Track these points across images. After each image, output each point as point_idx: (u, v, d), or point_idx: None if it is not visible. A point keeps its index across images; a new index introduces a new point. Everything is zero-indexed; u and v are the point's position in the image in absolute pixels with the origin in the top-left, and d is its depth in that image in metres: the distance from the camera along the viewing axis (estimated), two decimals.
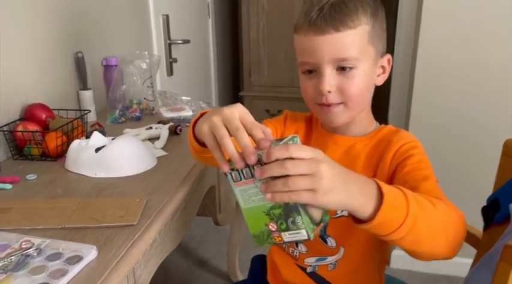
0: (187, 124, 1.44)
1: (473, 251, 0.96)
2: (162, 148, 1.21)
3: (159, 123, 1.37)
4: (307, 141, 0.88)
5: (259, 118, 1.03)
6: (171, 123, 1.36)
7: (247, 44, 3.13)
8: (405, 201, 0.55)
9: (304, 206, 0.53)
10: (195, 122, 0.71)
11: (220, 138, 0.55)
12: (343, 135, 0.83)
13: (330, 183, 0.49)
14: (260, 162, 0.51)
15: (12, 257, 0.68)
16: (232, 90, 3.56)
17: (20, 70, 1.25)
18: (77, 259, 0.69)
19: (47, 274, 0.65)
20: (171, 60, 2.22)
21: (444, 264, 1.81)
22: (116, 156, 1.04)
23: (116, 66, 1.52)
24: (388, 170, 0.76)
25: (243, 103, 3.18)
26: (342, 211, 0.78)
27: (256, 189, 0.54)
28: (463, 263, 1.80)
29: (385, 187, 0.55)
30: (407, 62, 1.79)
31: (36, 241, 0.73)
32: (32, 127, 1.14)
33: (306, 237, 0.54)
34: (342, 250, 0.81)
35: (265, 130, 0.54)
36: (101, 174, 1.03)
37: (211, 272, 1.95)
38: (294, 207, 0.53)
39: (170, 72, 2.24)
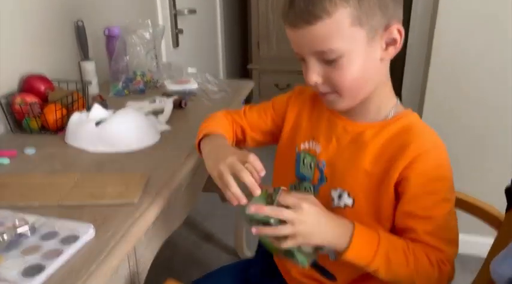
0: (193, 97, 1.39)
1: (488, 230, 0.91)
2: (165, 123, 1.16)
3: (163, 96, 1.32)
4: (309, 123, 0.84)
5: (268, 94, 0.96)
6: (176, 96, 1.30)
7: (255, 15, 3.03)
8: (373, 252, 0.66)
9: (298, 249, 0.67)
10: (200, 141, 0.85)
11: (228, 184, 0.67)
12: (353, 120, 0.77)
13: (306, 231, 0.64)
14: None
15: (5, 235, 0.65)
16: (240, 62, 3.47)
17: (17, 39, 1.19)
18: (73, 238, 0.65)
19: (41, 254, 0.62)
20: (176, 31, 2.14)
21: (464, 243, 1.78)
22: (117, 130, 0.99)
23: (119, 35, 1.45)
24: (396, 178, 0.70)
25: (251, 77, 3.11)
26: (338, 201, 0.75)
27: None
28: (475, 242, 1.78)
29: (356, 237, 0.65)
30: (424, 37, 1.70)
31: (31, 219, 0.70)
32: (30, 99, 1.10)
33: (302, 266, 0.69)
34: None
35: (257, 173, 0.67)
36: (101, 149, 0.99)
37: (218, 247, 1.94)
38: (289, 250, 0.68)
39: (176, 43, 2.17)
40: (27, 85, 1.15)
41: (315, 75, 0.69)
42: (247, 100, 1.60)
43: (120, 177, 0.86)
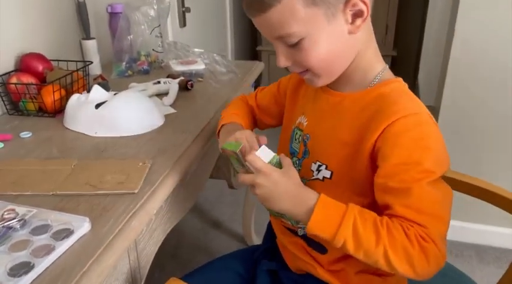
0: (199, 79, 1.31)
1: (507, 220, 0.84)
2: (170, 105, 1.09)
3: (168, 77, 1.24)
4: (303, 99, 0.82)
5: (277, 77, 0.92)
6: (182, 78, 1.23)
7: None
8: (337, 224, 0.61)
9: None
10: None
11: None
12: (335, 90, 0.74)
13: (262, 194, 0.66)
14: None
15: None
16: (250, 44, 3.37)
17: (14, 16, 1.11)
18: (66, 233, 0.59)
19: (30, 251, 0.56)
20: (183, 9, 2.05)
21: (473, 232, 1.71)
22: (117, 113, 0.92)
23: (122, 13, 1.37)
24: (370, 149, 0.65)
25: (260, 59, 3.03)
26: (317, 174, 0.73)
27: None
28: (493, 232, 1.72)
29: (318, 209, 0.62)
30: (441, 34, 1.60)
31: (21, 210, 0.64)
32: (27, 79, 1.03)
33: (291, 224, 0.78)
34: None
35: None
36: (101, 133, 0.92)
37: (226, 234, 1.89)
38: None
39: (183, 23, 2.08)
40: (24, 64, 1.08)
41: (283, 59, 0.68)
42: (257, 83, 1.52)
43: (121, 164, 0.79)
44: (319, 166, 0.73)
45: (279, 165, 0.68)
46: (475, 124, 1.54)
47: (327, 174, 0.72)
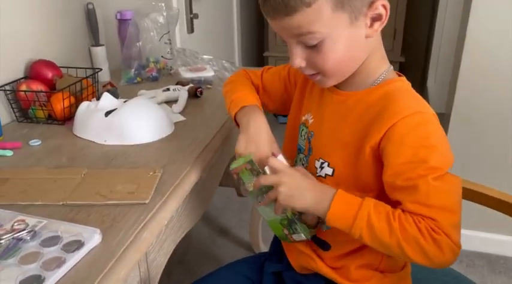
0: (209, 86, 1.30)
1: None
2: (180, 113, 1.08)
3: (177, 84, 1.23)
4: (310, 96, 0.82)
5: None
6: (191, 85, 1.22)
7: None
8: (353, 216, 0.64)
9: (300, 217, 0.73)
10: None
11: None
12: (341, 89, 0.74)
13: (286, 192, 0.67)
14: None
15: (2, 240, 0.58)
16: (257, 49, 3.37)
17: (24, 23, 1.11)
18: (77, 245, 0.58)
19: (40, 263, 0.55)
20: (191, 15, 2.05)
21: (485, 241, 1.68)
22: (127, 121, 0.91)
23: (131, 20, 1.37)
24: (373, 148, 0.66)
25: (268, 64, 3.02)
26: (320, 171, 0.74)
27: (270, 208, 0.73)
28: (505, 241, 1.69)
29: (336, 201, 0.65)
30: (452, 37, 1.58)
31: (32, 221, 0.63)
32: (36, 86, 1.02)
33: (305, 238, 0.75)
34: None
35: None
36: (111, 141, 0.91)
37: (233, 242, 1.87)
38: (292, 219, 0.73)
39: (191, 29, 2.08)
40: (33, 71, 1.08)
41: (298, 60, 0.68)
42: None
43: (131, 174, 0.78)
44: (322, 163, 0.74)
45: None
46: (487, 131, 1.51)
47: (329, 171, 0.73)
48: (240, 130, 0.80)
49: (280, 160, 0.72)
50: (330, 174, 0.72)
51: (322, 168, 0.74)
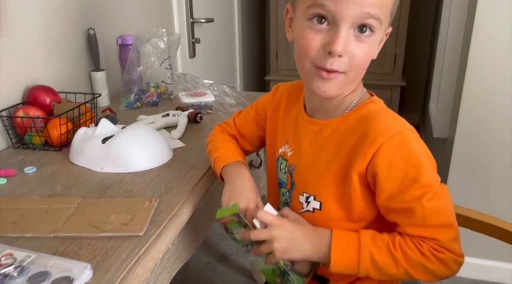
0: (209, 110, 1.29)
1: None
2: (179, 139, 1.07)
3: (177, 109, 1.22)
4: (284, 126, 0.80)
5: None
6: (191, 110, 1.21)
7: (274, 25, 2.93)
8: (356, 261, 0.64)
9: (292, 268, 0.71)
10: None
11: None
12: (315, 118, 0.73)
13: (282, 247, 0.66)
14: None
15: None
16: (258, 73, 3.38)
17: (23, 47, 1.11)
18: (66, 281, 0.55)
19: None
20: (193, 40, 2.06)
21: (491, 269, 1.63)
22: (124, 149, 0.89)
23: (132, 45, 1.37)
24: (363, 175, 0.65)
25: (269, 89, 3.03)
26: (307, 205, 0.72)
27: (262, 257, 0.72)
28: (504, 268, 1.64)
29: (335, 250, 0.64)
30: (455, 56, 1.58)
31: (20, 255, 0.60)
32: (34, 112, 1.01)
33: None
34: None
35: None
36: (107, 169, 0.89)
37: (233, 269, 1.82)
38: (284, 270, 0.71)
39: (192, 53, 2.08)
40: (31, 97, 1.07)
41: (342, 45, 0.60)
42: None
43: (126, 203, 0.76)
44: (307, 197, 0.72)
45: None
46: (490, 157, 1.49)
47: (316, 205, 0.70)
48: (225, 184, 0.80)
49: (269, 210, 0.70)
50: (318, 208, 0.70)
51: (308, 202, 0.72)
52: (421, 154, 0.63)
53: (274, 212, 0.70)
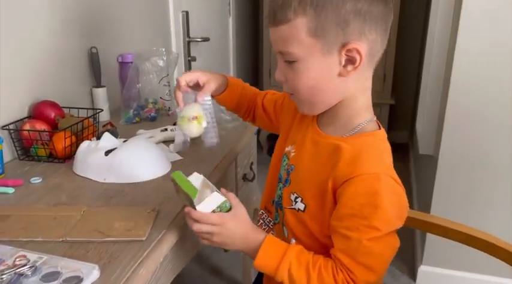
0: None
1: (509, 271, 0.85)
2: (177, 152, 1.12)
3: (175, 124, 1.28)
4: (297, 128, 0.86)
5: None
6: None
7: (268, 43, 3.03)
8: (275, 267, 0.71)
9: None
10: None
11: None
12: (323, 130, 0.79)
13: (220, 241, 0.74)
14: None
15: (4, 276, 0.60)
16: None
17: (30, 65, 1.17)
18: (76, 280, 0.60)
19: None
20: (189, 58, 2.14)
21: (470, 282, 1.69)
22: (126, 160, 0.95)
23: (132, 63, 1.44)
24: (333, 194, 0.72)
25: None
26: (295, 204, 0.78)
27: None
28: (496, 282, 1.69)
29: (261, 252, 0.72)
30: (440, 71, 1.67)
31: (33, 256, 0.65)
32: (40, 126, 1.07)
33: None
34: (292, 241, 0.80)
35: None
36: (110, 179, 0.95)
37: (225, 282, 1.86)
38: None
39: (189, 70, 2.16)
40: (37, 111, 1.13)
41: (280, 74, 0.74)
42: (258, 130, 1.56)
43: (129, 211, 0.81)
44: (296, 197, 0.78)
45: (229, 207, 0.74)
46: (474, 173, 1.56)
47: (301, 206, 0.77)
48: None
49: (213, 200, 0.73)
50: (302, 209, 0.77)
51: (296, 202, 0.78)
52: (386, 199, 0.67)
53: (222, 198, 0.73)
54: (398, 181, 0.70)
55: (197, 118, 0.84)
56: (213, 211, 0.72)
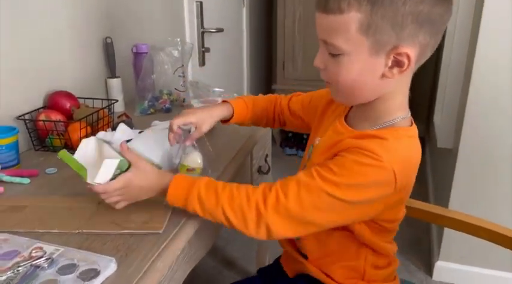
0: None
1: None
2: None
3: None
4: (327, 121, 0.85)
5: None
6: None
7: (281, 35, 2.99)
8: (185, 196, 0.73)
9: None
10: None
11: None
12: (351, 125, 0.77)
13: (129, 200, 0.76)
14: None
15: (20, 268, 0.59)
16: (265, 82, 3.43)
17: (45, 55, 1.16)
18: (93, 273, 0.59)
19: None
20: (203, 49, 2.12)
21: (495, 281, 1.65)
22: (142, 152, 0.93)
23: (146, 53, 1.42)
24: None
25: None
26: None
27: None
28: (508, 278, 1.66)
29: (171, 187, 0.74)
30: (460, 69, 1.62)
31: (49, 248, 0.64)
32: (55, 116, 1.06)
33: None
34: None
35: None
36: None
37: (239, 274, 1.85)
38: None
39: (202, 62, 2.14)
40: (52, 102, 1.12)
41: (319, 61, 0.72)
42: None
43: (145, 203, 0.79)
44: None
45: (128, 164, 0.76)
46: (495, 167, 1.52)
47: None
48: None
49: (107, 167, 0.73)
50: None
51: None
52: (371, 182, 0.67)
53: (116, 161, 0.74)
54: (398, 179, 0.67)
55: (195, 170, 0.86)
56: (114, 176, 0.73)
